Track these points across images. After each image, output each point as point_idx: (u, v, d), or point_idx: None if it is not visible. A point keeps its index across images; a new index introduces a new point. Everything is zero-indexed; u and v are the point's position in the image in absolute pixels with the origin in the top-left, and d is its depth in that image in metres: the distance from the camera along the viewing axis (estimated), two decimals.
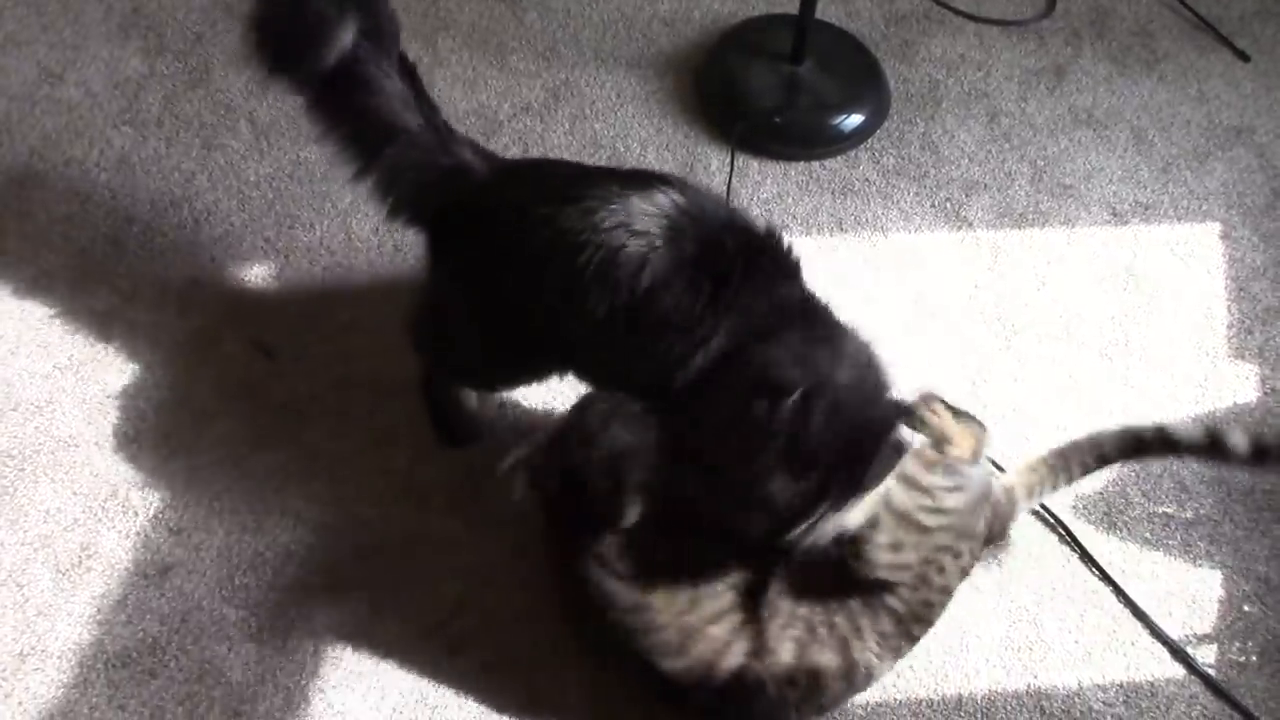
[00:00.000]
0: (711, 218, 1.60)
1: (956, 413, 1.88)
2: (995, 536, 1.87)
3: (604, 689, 1.81)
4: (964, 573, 1.78)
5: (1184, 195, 2.41)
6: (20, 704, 1.80)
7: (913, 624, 1.73)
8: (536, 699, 1.82)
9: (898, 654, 1.74)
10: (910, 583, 1.73)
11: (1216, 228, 2.37)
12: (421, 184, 1.71)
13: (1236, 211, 2.39)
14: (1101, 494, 2.03)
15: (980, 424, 1.90)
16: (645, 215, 1.56)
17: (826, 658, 1.69)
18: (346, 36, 1.62)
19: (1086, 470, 1.92)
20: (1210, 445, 1.85)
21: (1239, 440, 1.84)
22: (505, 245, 1.64)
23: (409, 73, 1.73)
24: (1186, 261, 2.32)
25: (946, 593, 1.76)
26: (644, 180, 1.61)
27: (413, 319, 1.95)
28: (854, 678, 1.70)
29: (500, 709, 1.81)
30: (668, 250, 1.55)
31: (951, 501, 1.76)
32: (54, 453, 2.02)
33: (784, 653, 1.68)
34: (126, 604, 1.89)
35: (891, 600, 1.72)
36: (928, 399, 1.85)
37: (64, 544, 1.93)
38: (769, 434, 1.55)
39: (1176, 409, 2.13)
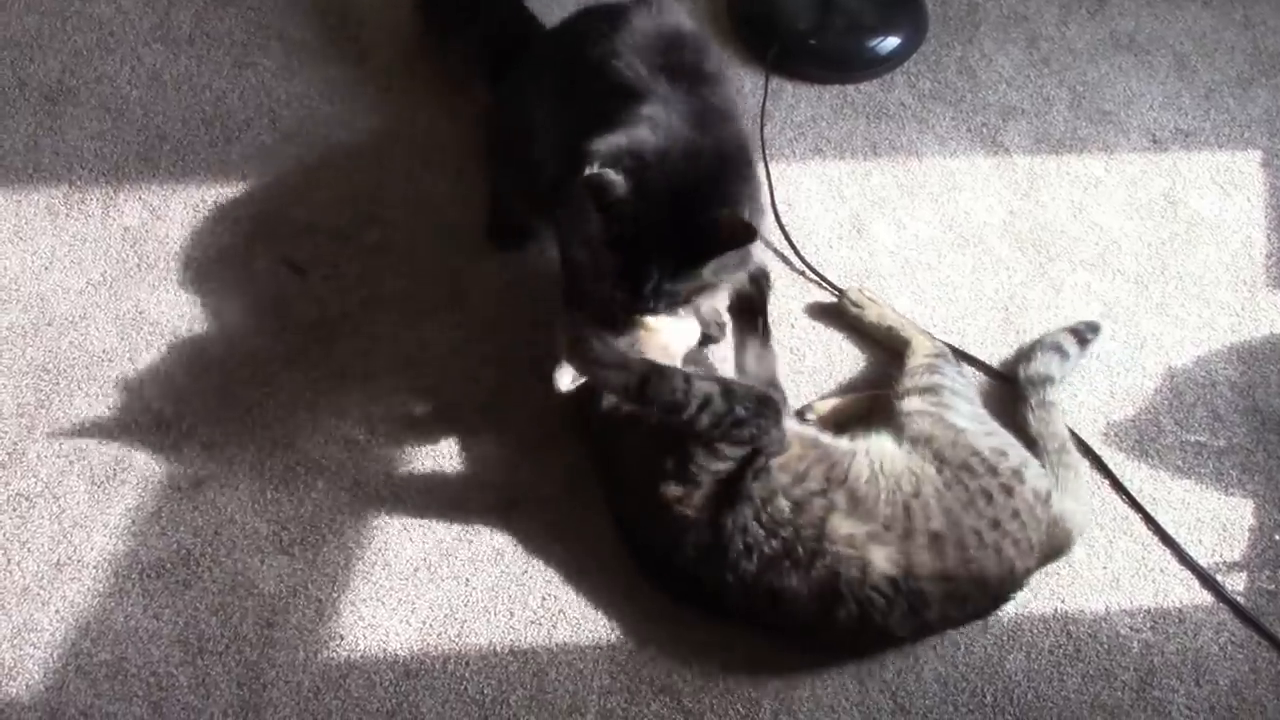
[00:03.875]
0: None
1: None
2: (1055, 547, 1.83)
3: (634, 604, 1.83)
4: (1011, 537, 1.74)
5: (1226, 122, 2.37)
6: (58, 612, 1.83)
7: (959, 562, 1.72)
8: (564, 614, 1.84)
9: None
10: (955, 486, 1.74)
11: (1258, 156, 2.33)
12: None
13: None
14: (1134, 421, 2.02)
15: None
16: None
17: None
18: None
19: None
20: None
21: None
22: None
23: None
24: (1226, 189, 2.28)
25: (996, 528, 1.73)
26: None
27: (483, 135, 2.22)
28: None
29: (529, 623, 1.83)
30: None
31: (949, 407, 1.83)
32: (88, 367, 2.04)
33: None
34: (160, 516, 1.91)
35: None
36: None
37: (99, 457, 1.96)
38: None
39: (1212, 338, 2.11)
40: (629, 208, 1.62)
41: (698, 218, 1.63)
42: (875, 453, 1.78)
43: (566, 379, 1.77)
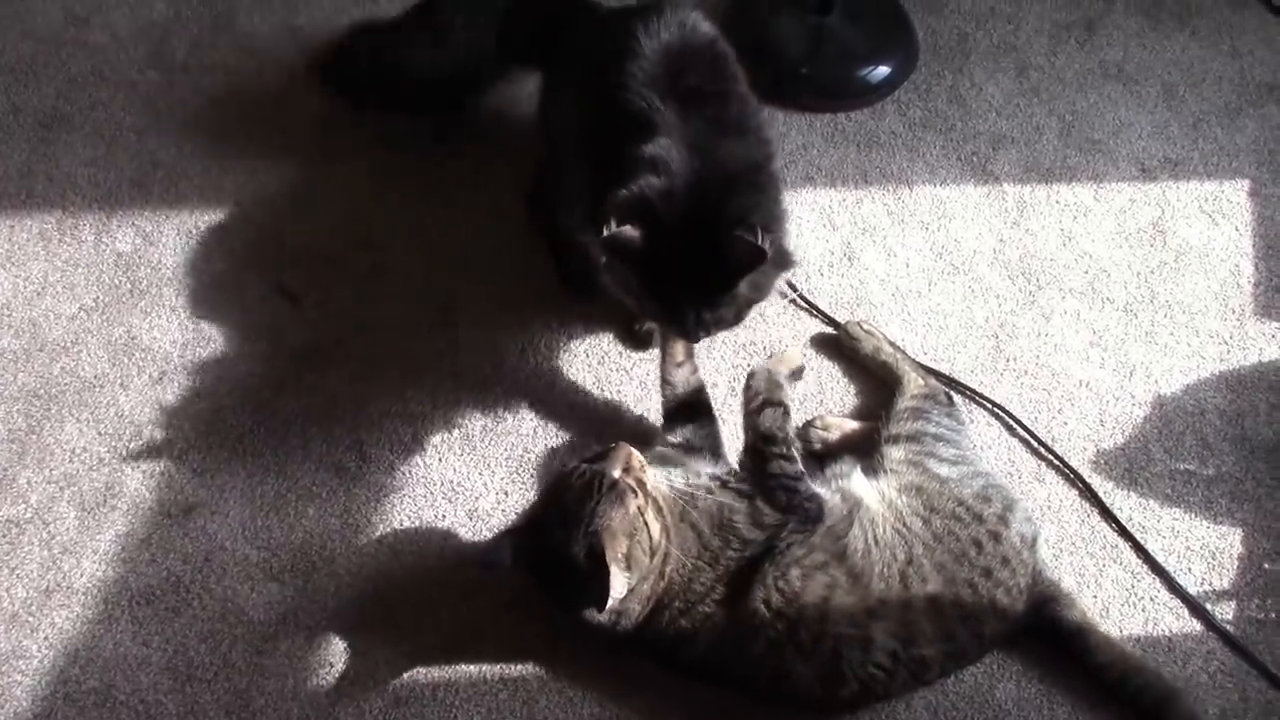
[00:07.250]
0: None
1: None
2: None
3: None
4: (1003, 585, 1.77)
5: (1214, 152, 2.38)
6: (46, 639, 1.83)
7: (957, 619, 1.74)
8: (555, 639, 1.83)
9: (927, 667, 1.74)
10: (951, 548, 1.75)
11: (1246, 185, 2.34)
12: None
13: (1267, 169, 2.36)
14: (1123, 449, 2.02)
15: None
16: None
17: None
18: None
19: None
20: None
21: None
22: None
23: None
24: (1215, 218, 2.29)
25: (989, 577, 1.75)
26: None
27: (530, 192, 2.18)
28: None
29: (518, 651, 1.83)
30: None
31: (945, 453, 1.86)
32: (79, 393, 2.04)
33: None
34: (150, 543, 1.91)
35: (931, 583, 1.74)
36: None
37: (89, 483, 1.96)
38: None
39: (1201, 366, 2.12)
40: (648, 256, 1.65)
41: (713, 246, 1.66)
42: (867, 522, 1.78)
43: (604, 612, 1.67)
